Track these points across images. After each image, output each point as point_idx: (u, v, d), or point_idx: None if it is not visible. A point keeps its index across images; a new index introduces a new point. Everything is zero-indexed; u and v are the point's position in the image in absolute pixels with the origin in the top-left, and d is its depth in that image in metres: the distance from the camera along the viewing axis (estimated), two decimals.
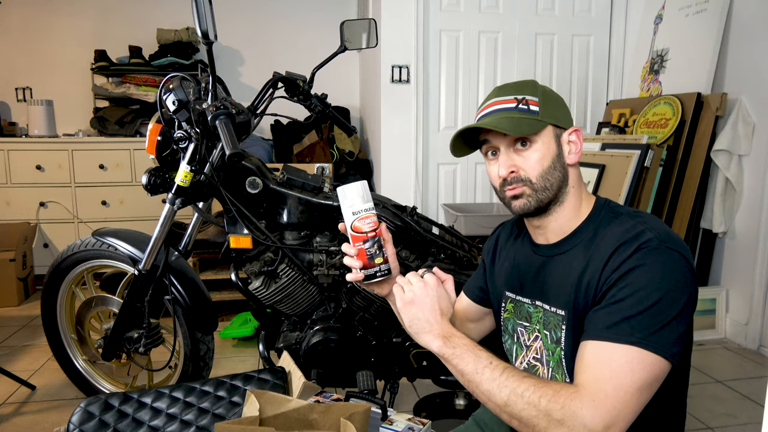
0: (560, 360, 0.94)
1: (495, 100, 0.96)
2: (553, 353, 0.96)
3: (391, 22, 3.16)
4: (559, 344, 0.93)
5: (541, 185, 0.93)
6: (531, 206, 0.94)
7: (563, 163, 0.95)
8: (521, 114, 0.93)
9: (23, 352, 2.57)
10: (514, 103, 0.94)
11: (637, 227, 0.86)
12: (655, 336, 0.78)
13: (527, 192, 0.94)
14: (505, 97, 0.95)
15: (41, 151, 3.41)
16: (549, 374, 0.97)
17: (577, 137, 0.96)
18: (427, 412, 1.86)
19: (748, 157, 2.59)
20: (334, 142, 3.64)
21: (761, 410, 2.04)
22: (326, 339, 1.62)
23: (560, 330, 0.93)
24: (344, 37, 1.77)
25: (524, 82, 0.98)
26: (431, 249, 1.65)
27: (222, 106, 1.39)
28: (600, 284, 0.86)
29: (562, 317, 0.93)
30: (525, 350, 1.03)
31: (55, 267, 1.91)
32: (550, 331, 0.96)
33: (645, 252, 0.82)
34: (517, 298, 1.04)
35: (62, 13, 3.78)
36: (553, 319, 0.95)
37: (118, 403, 1.22)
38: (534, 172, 0.93)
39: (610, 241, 0.87)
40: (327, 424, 0.90)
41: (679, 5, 2.98)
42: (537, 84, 0.98)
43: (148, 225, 2.01)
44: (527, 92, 0.95)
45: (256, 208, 1.59)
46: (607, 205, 0.97)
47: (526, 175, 0.93)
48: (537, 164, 0.93)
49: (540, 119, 0.93)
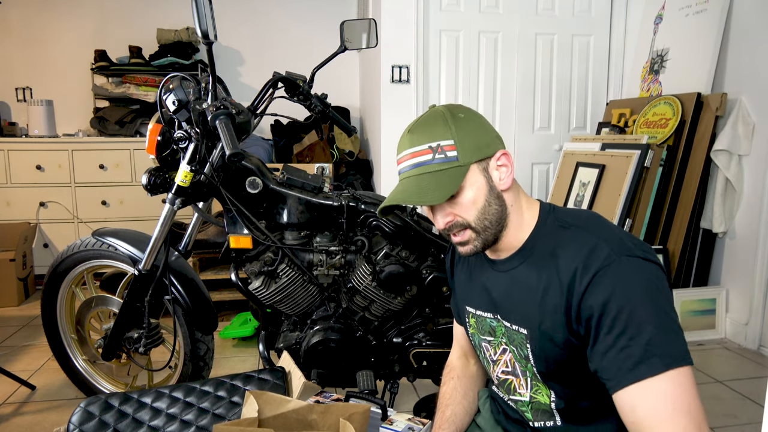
0: (535, 374, 0.93)
1: (410, 153, 0.90)
2: (525, 366, 0.95)
3: (391, 22, 3.15)
4: (529, 361, 0.92)
5: (481, 226, 0.90)
6: (479, 249, 0.93)
7: (497, 193, 0.91)
8: (440, 165, 0.88)
9: (23, 352, 2.57)
10: (430, 154, 0.88)
11: (589, 242, 0.84)
12: (675, 347, 0.78)
13: (472, 237, 0.92)
14: (418, 148, 0.90)
15: (41, 151, 3.41)
16: (528, 384, 0.96)
17: (506, 160, 0.91)
18: (427, 412, 1.85)
19: (748, 157, 2.59)
20: (334, 142, 3.64)
21: (761, 410, 2.04)
22: (326, 339, 1.62)
23: (525, 348, 0.92)
24: (344, 37, 1.77)
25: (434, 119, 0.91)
26: (431, 249, 1.65)
27: (222, 106, 1.39)
28: (575, 312, 0.83)
29: (525, 336, 0.92)
30: (492, 365, 1.02)
31: (55, 267, 1.91)
32: (517, 348, 0.95)
33: (612, 270, 0.80)
34: (478, 313, 1.03)
35: (62, 13, 3.78)
36: (516, 336, 0.94)
37: (118, 403, 1.22)
38: (470, 216, 0.90)
39: (567, 262, 0.85)
40: (326, 424, 0.90)
41: (679, 5, 2.98)
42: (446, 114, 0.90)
43: (148, 225, 2.01)
44: (439, 136, 0.88)
45: (256, 208, 1.59)
46: (552, 212, 0.94)
47: (464, 221, 0.91)
48: (471, 207, 0.89)
49: (460, 165, 0.88)
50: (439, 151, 0.88)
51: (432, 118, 0.91)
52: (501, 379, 1.00)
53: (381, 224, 1.60)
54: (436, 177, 0.88)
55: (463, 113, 0.92)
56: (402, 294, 1.63)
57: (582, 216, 0.92)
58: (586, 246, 0.84)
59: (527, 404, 0.97)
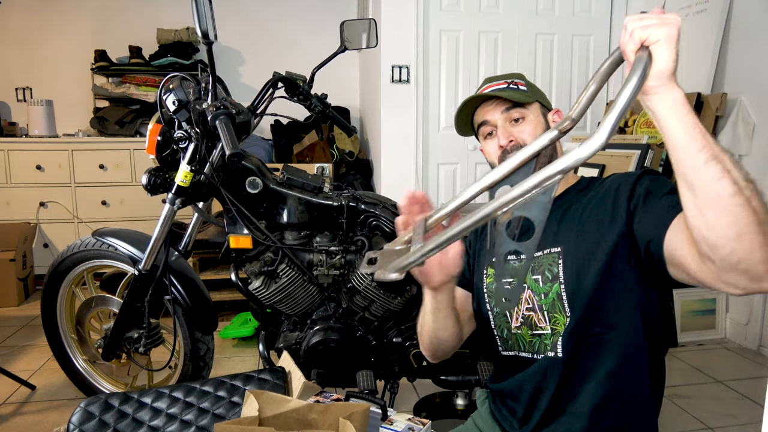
0: (556, 297, 0.97)
1: (487, 85, 1.11)
2: (546, 295, 0.98)
3: (391, 22, 3.15)
4: (557, 280, 0.97)
5: None
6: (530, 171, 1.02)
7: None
8: (513, 91, 1.07)
9: (23, 352, 2.57)
10: (505, 84, 1.09)
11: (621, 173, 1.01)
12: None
13: None
14: (496, 82, 1.11)
15: (41, 151, 3.41)
16: (546, 318, 0.98)
17: (558, 117, 1.11)
18: (427, 412, 1.85)
19: (748, 157, 2.59)
20: (334, 142, 3.64)
21: (761, 410, 2.03)
22: (326, 339, 1.62)
23: (557, 266, 0.97)
24: (344, 37, 1.77)
25: (510, 74, 1.13)
26: None
27: (222, 106, 1.39)
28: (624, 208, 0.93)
29: (557, 254, 0.98)
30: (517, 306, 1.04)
31: (55, 267, 1.91)
32: (543, 273, 0.99)
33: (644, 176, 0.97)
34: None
35: (62, 13, 3.78)
36: (545, 260, 0.99)
37: (118, 403, 1.22)
38: (530, 140, 1.03)
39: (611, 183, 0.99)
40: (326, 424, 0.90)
41: (679, 5, 2.98)
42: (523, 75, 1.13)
43: (148, 225, 2.01)
44: (515, 77, 1.11)
45: (256, 208, 1.59)
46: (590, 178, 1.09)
47: (524, 143, 1.04)
48: (531, 135, 1.05)
49: (529, 95, 1.07)
50: (513, 84, 1.09)
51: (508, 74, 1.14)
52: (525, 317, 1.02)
53: (381, 224, 1.60)
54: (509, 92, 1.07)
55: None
56: (402, 294, 1.63)
57: None
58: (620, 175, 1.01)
59: (549, 336, 0.99)
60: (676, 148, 0.69)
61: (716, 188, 0.66)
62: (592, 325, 0.95)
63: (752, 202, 0.66)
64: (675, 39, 0.66)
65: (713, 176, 0.66)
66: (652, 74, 0.66)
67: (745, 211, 0.66)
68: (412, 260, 0.65)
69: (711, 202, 0.68)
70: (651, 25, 0.66)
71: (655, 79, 0.67)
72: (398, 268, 0.65)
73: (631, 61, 0.68)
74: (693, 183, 0.69)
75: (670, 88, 0.68)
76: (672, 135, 0.69)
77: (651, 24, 0.66)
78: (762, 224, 0.66)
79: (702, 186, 0.68)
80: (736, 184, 0.66)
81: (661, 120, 0.69)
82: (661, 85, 0.67)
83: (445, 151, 3.40)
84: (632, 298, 0.93)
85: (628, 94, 0.60)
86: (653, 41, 0.66)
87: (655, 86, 0.67)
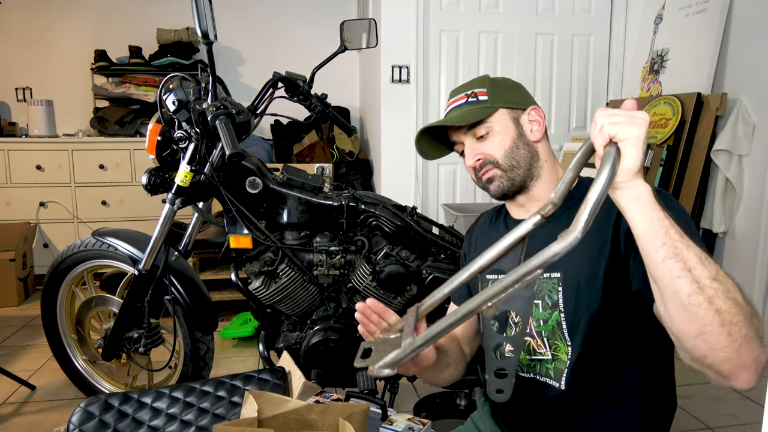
0: (556, 325, 0.94)
1: (451, 101, 1.08)
2: (546, 322, 0.96)
3: (391, 22, 3.15)
4: (556, 308, 0.94)
5: (508, 164, 1.01)
6: (504, 186, 1.01)
7: (526, 141, 1.03)
8: (470, 106, 1.03)
9: (23, 352, 2.57)
10: (464, 99, 1.05)
11: None
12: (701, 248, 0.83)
13: (498, 173, 1.02)
14: (456, 97, 1.07)
15: (41, 151, 3.41)
16: (546, 344, 0.97)
17: (537, 114, 1.04)
18: (427, 412, 1.86)
19: (748, 157, 2.59)
20: (334, 142, 3.64)
21: (761, 410, 2.03)
22: (326, 339, 1.62)
23: (556, 293, 0.94)
24: (344, 37, 1.77)
25: (474, 79, 1.08)
26: (431, 249, 1.65)
27: (222, 106, 1.39)
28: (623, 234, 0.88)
29: (556, 279, 0.95)
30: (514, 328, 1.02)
31: (55, 267, 1.91)
32: (543, 299, 0.96)
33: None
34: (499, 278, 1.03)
35: (62, 13, 3.78)
36: (545, 284, 0.96)
37: (118, 403, 1.22)
38: (498, 153, 1.01)
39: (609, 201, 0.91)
40: (325, 424, 0.90)
41: (679, 5, 2.98)
42: (486, 77, 1.07)
43: (148, 225, 2.01)
44: (476, 86, 1.05)
45: (256, 208, 1.59)
46: (588, 179, 1.01)
47: (493, 158, 1.02)
48: (498, 146, 1.02)
49: (489, 105, 1.02)
50: (472, 96, 1.04)
51: (472, 80, 1.09)
52: None
53: (381, 224, 1.60)
54: (464, 111, 1.03)
55: (502, 78, 1.08)
56: (402, 294, 1.63)
57: None
58: None
59: (550, 362, 0.97)
60: (639, 240, 0.71)
61: (673, 286, 0.67)
62: (595, 358, 0.94)
63: (715, 301, 0.66)
64: (642, 139, 0.67)
65: (671, 274, 0.67)
66: (620, 170, 0.68)
67: (704, 311, 0.66)
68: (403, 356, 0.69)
69: (670, 298, 0.69)
70: (620, 123, 0.68)
71: (622, 174, 0.68)
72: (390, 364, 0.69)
73: (600, 155, 0.69)
74: (653, 275, 0.70)
75: (636, 184, 0.69)
76: (635, 228, 0.70)
77: (620, 122, 0.68)
78: (726, 324, 0.66)
79: (661, 280, 0.69)
80: (695, 283, 0.66)
81: (626, 213, 0.71)
82: (628, 181, 0.69)
83: None
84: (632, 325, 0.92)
85: (599, 190, 0.63)
86: (622, 139, 0.67)
87: (621, 181, 0.69)
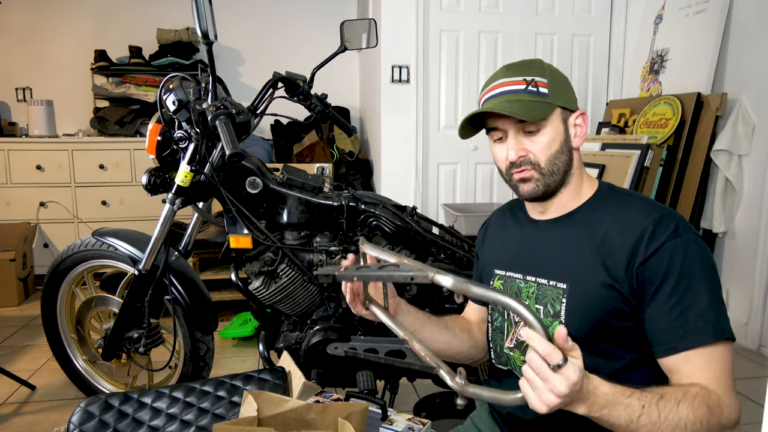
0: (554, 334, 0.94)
1: (502, 81, 0.94)
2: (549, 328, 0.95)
3: (391, 22, 3.16)
4: (557, 318, 0.93)
5: (549, 170, 0.94)
6: (539, 191, 0.95)
7: (570, 146, 0.96)
8: (531, 97, 0.91)
9: (23, 352, 2.57)
10: (523, 85, 0.92)
11: (657, 211, 0.89)
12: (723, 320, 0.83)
13: (536, 176, 0.94)
14: (513, 78, 0.93)
15: (41, 151, 3.41)
16: None
17: (582, 120, 0.97)
18: (427, 412, 1.85)
19: (748, 157, 2.59)
20: (334, 142, 3.64)
21: (761, 410, 2.03)
22: (326, 339, 1.62)
23: (559, 303, 0.93)
24: (344, 37, 1.77)
25: (531, 62, 0.95)
26: (431, 249, 1.65)
27: (222, 106, 1.39)
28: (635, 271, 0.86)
29: (562, 290, 0.93)
30: (514, 326, 1.02)
31: (55, 267, 1.91)
32: (546, 305, 0.95)
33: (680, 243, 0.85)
34: (507, 274, 1.03)
35: (62, 13, 3.78)
36: (550, 292, 0.95)
37: (118, 403, 1.22)
38: (543, 156, 0.93)
39: (633, 223, 0.88)
40: (325, 423, 0.90)
41: (679, 5, 2.98)
42: (544, 63, 0.95)
43: (148, 225, 2.01)
44: (535, 73, 0.93)
45: (256, 208, 1.59)
46: (612, 189, 0.99)
47: (536, 159, 0.93)
48: (546, 148, 0.93)
49: (549, 102, 0.91)
50: (533, 85, 0.92)
51: (530, 60, 0.96)
52: (519, 341, 1.00)
53: (381, 224, 1.60)
54: (525, 104, 0.91)
55: (557, 69, 0.97)
56: (402, 294, 1.63)
57: (638, 193, 0.99)
58: (654, 213, 0.88)
59: None
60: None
61: None
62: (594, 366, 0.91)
63: None
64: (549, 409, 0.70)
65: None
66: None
67: None
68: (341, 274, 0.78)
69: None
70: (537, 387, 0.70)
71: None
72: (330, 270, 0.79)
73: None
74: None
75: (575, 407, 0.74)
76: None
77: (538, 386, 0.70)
78: None
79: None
80: None
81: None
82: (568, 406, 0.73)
83: (445, 151, 3.40)
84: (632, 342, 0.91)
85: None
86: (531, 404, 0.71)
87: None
